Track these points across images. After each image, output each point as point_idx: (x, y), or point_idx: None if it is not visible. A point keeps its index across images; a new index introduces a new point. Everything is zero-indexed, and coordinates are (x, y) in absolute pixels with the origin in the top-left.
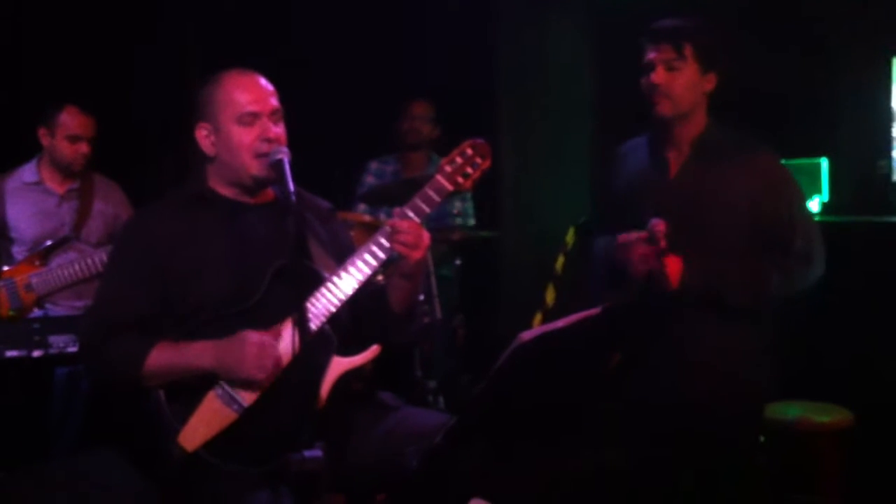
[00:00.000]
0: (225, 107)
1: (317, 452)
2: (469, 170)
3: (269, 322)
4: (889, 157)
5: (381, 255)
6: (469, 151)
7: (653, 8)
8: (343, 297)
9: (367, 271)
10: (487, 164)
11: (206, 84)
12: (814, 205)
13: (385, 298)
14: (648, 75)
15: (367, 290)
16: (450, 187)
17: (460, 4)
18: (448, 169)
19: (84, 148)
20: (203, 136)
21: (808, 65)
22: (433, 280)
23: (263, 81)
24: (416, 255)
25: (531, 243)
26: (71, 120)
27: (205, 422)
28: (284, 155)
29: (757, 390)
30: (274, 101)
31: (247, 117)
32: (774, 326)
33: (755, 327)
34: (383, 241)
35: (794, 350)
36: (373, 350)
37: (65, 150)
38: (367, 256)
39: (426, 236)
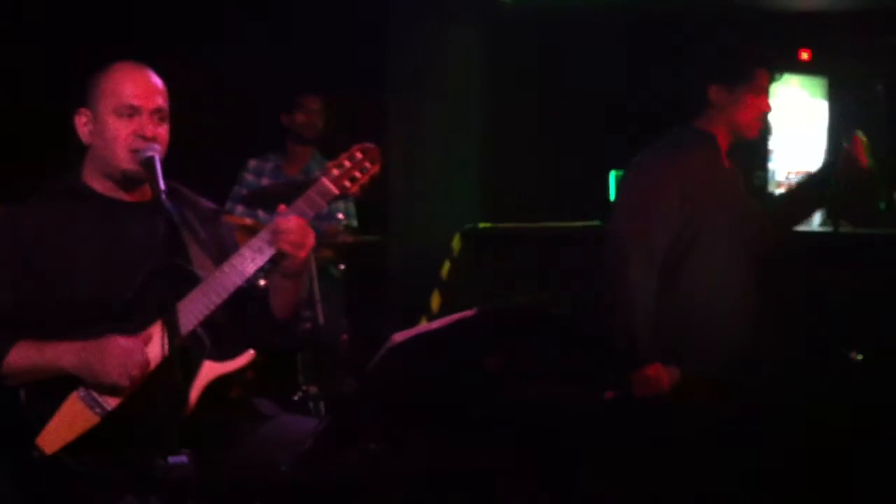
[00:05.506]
0: (107, 96)
1: (182, 458)
2: (357, 174)
3: (140, 324)
4: None
5: (263, 255)
6: (358, 155)
7: (543, 14)
8: (219, 300)
9: (247, 272)
10: (377, 169)
11: (96, 71)
12: None
13: (267, 303)
14: (763, 100)
15: (250, 294)
16: (336, 191)
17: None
18: (335, 172)
19: None
20: (82, 122)
21: None
22: (316, 285)
23: (154, 78)
24: (302, 254)
25: (417, 249)
26: None
27: (66, 424)
28: (155, 152)
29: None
30: (159, 101)
31: (126, 109)
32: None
33: None
34: (266, 241)
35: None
36: (246, 356)
37: None
38: (248, 254)
39: (312, 236)
